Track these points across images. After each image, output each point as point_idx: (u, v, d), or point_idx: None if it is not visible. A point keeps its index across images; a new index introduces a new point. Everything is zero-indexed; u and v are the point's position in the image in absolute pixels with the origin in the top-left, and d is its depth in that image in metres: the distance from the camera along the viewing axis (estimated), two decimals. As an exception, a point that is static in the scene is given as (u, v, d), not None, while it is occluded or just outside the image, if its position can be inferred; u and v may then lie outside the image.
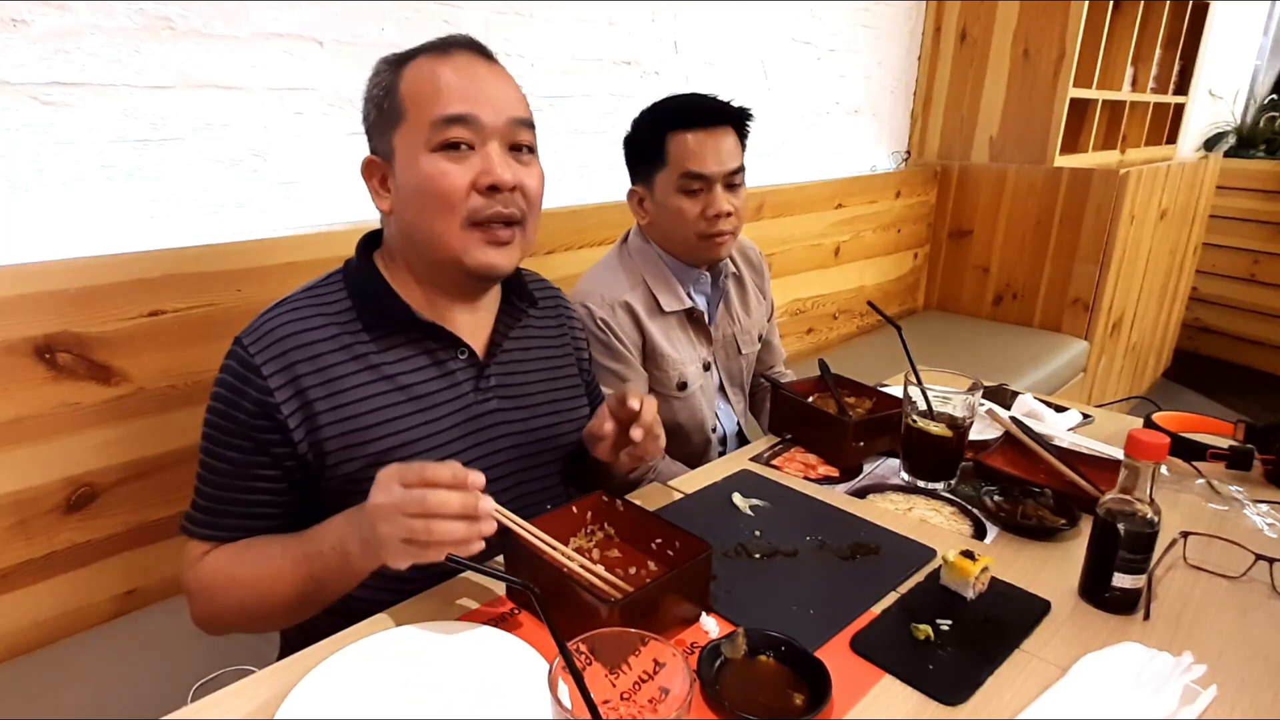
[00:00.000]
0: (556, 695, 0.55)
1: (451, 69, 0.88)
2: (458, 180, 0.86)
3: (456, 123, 0.86)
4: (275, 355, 0.86)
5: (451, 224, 0.88)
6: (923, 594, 0.88)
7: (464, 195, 0.87)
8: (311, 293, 0.93)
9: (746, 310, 1.55)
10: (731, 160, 1.34)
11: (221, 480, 0.87)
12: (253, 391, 0.85)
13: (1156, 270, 3.36)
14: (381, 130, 0.91)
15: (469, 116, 0.87)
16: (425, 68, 0.88)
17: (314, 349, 0.88)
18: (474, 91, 0.87)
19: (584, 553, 0.88)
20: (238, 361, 0.87)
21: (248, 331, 0.88)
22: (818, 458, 1.23)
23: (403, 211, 0.91)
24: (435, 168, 0.86)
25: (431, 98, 0.86)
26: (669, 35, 2.06)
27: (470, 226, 0.88)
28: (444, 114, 0.86)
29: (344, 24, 1.44)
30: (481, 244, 0.89)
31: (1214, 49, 3.92)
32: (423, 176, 0.87)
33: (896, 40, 2.90)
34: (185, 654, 1.14)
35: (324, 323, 0.90)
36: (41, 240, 1.18)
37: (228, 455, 0.87)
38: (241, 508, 0.87)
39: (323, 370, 0.88)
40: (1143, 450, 0.81)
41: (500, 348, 1.00)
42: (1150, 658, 0.77)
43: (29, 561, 1.19)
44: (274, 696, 0.71)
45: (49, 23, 1.13)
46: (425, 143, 0.87)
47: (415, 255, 0.93)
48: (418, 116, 0.87)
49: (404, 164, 0.89)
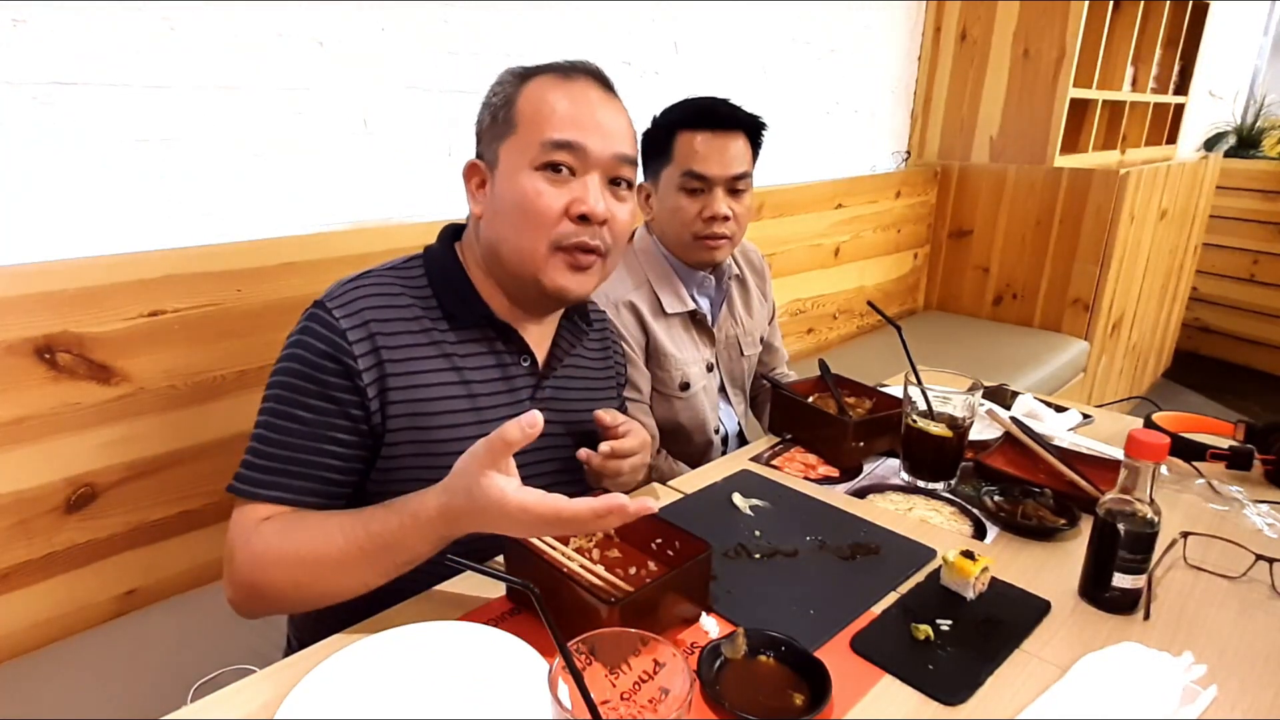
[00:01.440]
0: (556, 695, 0.55)
1: (569, 94, 0.90)
2: (553, 202, 0.88)
3: (564, 148, 0.88)
4: (358, 322, 0.87)
5: (539, 243, 0.89)
6: (923, 594, 0.88)
7: (556, 219, 0.89)
8: (394, 270, 0.94)
9: (749, 312, 1.55)
10: (736, 165, 1.33)
11: (291, 440, 0.85)
12: (335, 351, 0.85)
13: (1156, 270, 3.36)
14: (491, 138, 0.92)
15: (576, 144, 0.88)
16: (545, 87, 0.90)
17: (394, 325, 0.89)
18: (586, 120, 0.89)
19: (584, 553, 0.88)
20: (320, 324, 0.86)
21: (330, 296, 0.88)
22: (818, 458, 1.23)
23: (493, 220, 0.92)
24: (534, 186, 0.88)
25: (545, 118, 0.88)
26: (669, 35, 2.06)
27: (555, 249, 0.90)
28: (554, 137, 0.88)
29: (344, 24, 1.44)
30: (562, 267, 0.91)
31: (1214, 49, 3.93)
32: (520, 192, 0.88)
33: (896, 40, 2.90)
34: (185, 654, 1.14)
35: (407, 301, 0.91)
36: (41, 240, 1.18)
37: (300, 415, 0.85)
38: (308, 469, 0.85)
39: (401, 346, 0.88)
40: (1143, 450, 0.81)
41: (560, 362, 1.02)
42: (1150, 658, 0.77)
43: (29, 561, 1.19)
44: (274, 696, 0.71)
45: (49, 23, 1.13)
46: (530, 160, 0.88)
47: (496, 263, 0.94)
48: (528, 133, 0.89)
49: (505, 175, 0.90)
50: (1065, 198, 2.84)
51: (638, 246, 1.44)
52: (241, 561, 0.82)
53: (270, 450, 0.85)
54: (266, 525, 0.83)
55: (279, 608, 0.87)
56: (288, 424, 0.85)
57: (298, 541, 0.81)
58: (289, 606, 0.88)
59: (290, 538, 0.82)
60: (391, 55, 1.51)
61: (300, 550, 0.80)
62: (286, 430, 0.85)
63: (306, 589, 0.81)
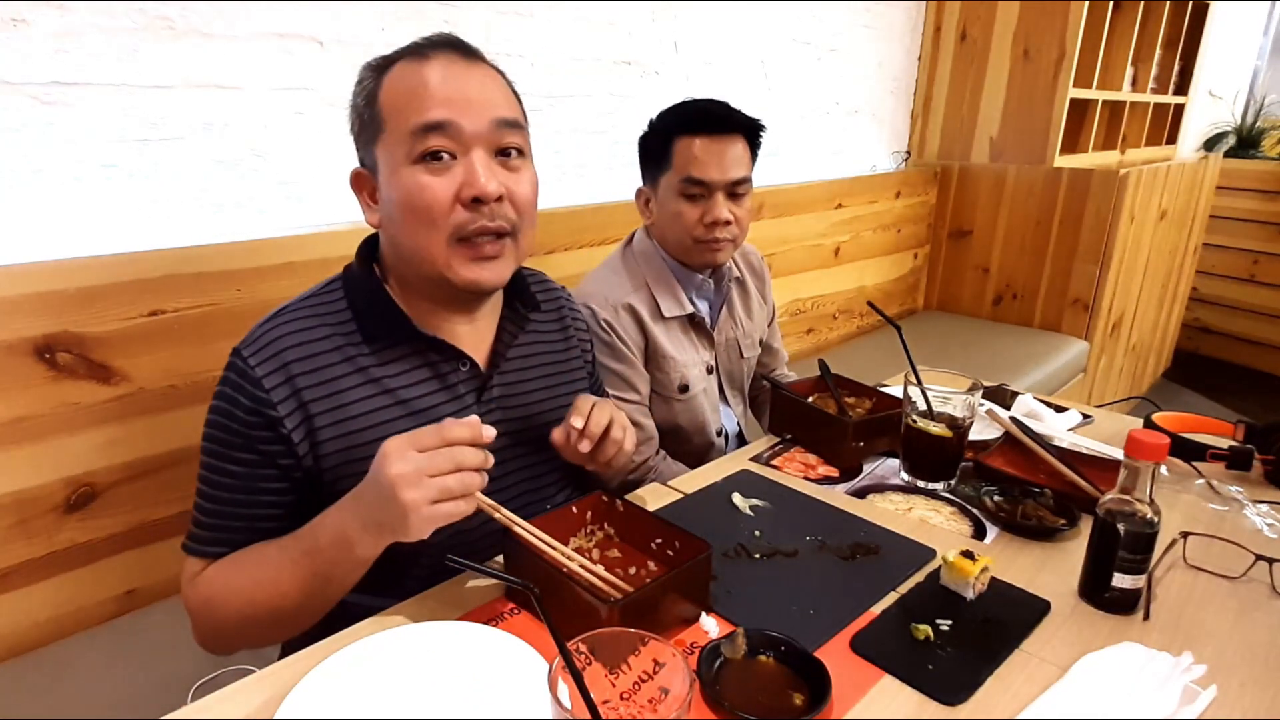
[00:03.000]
0: (556, 695, 0.54)
1: (428, 72, 0.83)
2: (439, 193, 0.82)
3: (434, 130, 0.82)
4: (276, 367, 0.84)
5: (436, 240, 0.84)
6: (923, 594, 0.88)
7: (447, 209, 0.83)
8: (310, 301, 0.90)
9: (748, 314, 1.55)
10: (736, 169, 1.33)
11: (225, 495, 0.86)
12: (254, 404, 0.84)
13: (1156, 270, 3.36)
14: (365, 142, 0.87)
15: (447, 123, 0.82)
16: (403, 73, 0.84)
17: (314, 361, 0.86)
18: (453, 94, 0.83)
19: (584, 553, 0.88)
20: (237, 374, 0.85)
21: (246, 343, 0.86)
22: (818, 458, 1.23)
23: (389, 226, 0.88)
24: (415, 181, 0.82)
25: (409, 105, 0.82)
26: (669, 35, 2.06)
27: (456, 242, 0.85)
28: (421, 122, 0.82)
29: (344, 24, 1.44)
30: (468, 261, 0.86)
31: (1214, 49, 3.93)
32: (403, 191, 0.83)
33: (896, 40, 2.90)
34: (185, 654, 1.13)
35: (326, 333, 0.88)
36: (41, 240, 1.18)
37: (230, 469, 0.85)
38: (247, 521, 0.86)
39: (324, 383, 0.86)
40: (1143, 450, 0.81)
41: (503, 358, 0.97)
42: (1150, 658, 0.77)
43: (29, 561, 1.19)
44: (274, 696, 0.71)
45: (49, 23, 1.13)
46: (405, 154, 0.83)
47: (406, 269, 0.90)
48: (396, 126, 0.83)
49: (386, 177, 0.85)
50: (1065, 198, 2.84)
51: (636, 249, 1.44)
52: (194, 608, 0.86)
53: (208, 506, 0.87)
54: (208, 569, 0.86)
55: (245, 641, 0.88)
56: (220, 478, 0.86)
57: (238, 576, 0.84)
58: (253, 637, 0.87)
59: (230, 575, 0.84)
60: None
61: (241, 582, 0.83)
62: (219, 485, 0.86)
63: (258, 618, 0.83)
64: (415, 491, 0.71)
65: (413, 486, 0.71)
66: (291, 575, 0.81)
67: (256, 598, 0.82)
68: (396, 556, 0.85)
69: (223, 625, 0.85)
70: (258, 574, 0.83)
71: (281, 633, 0.88)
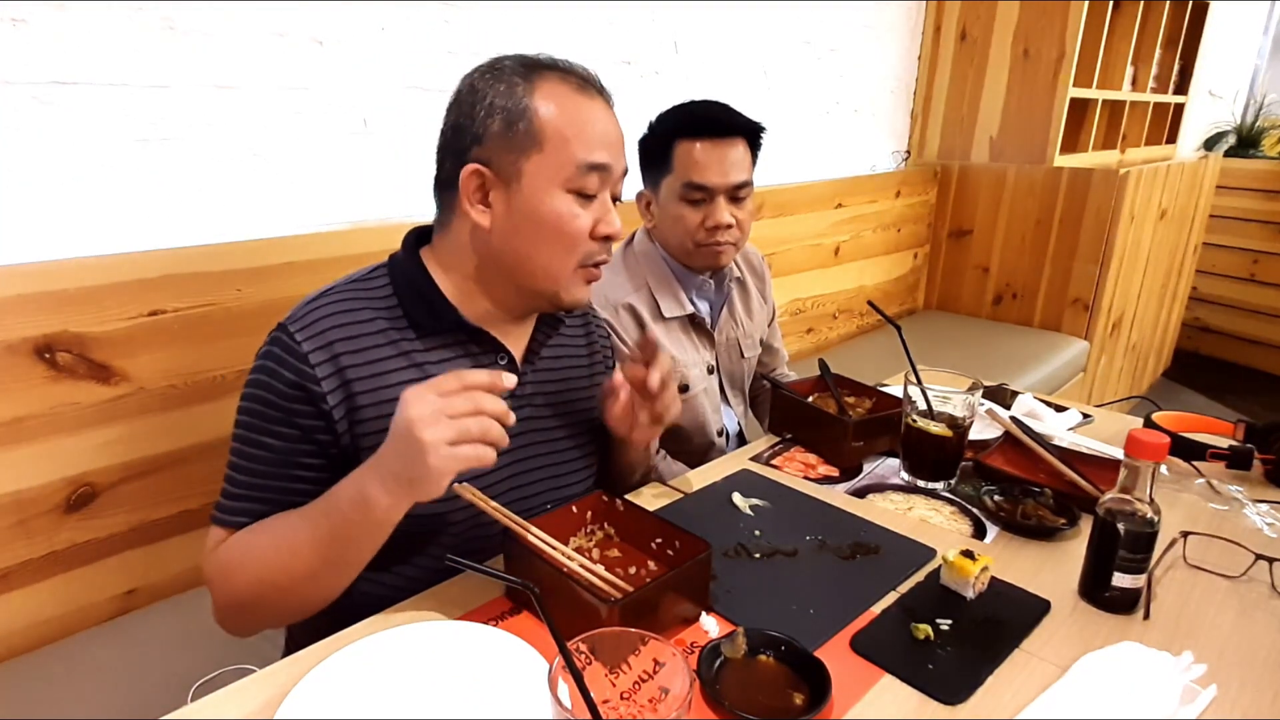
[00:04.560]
0: (556, 695, 0.55)
1: (597, 114, 0.90)
2: (585, 225, 0.90)
3: (599, 170, 0.89)
4: (322, 344, 0.85)
5: (568, 263, 0.91)
6: (923, 594, 0.88)
7: (586, 239, 0.90)
8: (356, 285, 0.92)
9: (749, 315, 1.55)
10: (737, 173, 1.33)
11: (259, 468, 0.85)
12: (298, 378, 0.84)
13: (1156, 270, 3.36)
14: (506, 148, 0.87)
15: (609, 168, 0.90)
16: (571, 103, 0.88)
17: (359, 341, 0.87)
18: (614, 141, 0.91)
19: (584, 552, 0.88)
20: (282, 348, 0.85)
21: (292, 318, 0.87)
22: (818, 457, 1.23)
23: (512, 235, 0.89)
24: (569, 209, 0.88)
25: (580, 139, 0.87)
26: (669, 35, 2.06)
27: (579, 268, 0.92)
28: (592, 160, 0.88)
29: (344, 24, 1.44)
30: (581, 283, 0.94)
31: (1214, 49, 3.92)
32: (554, 213, 0.88)
33: (896, 40, 2.90)
34: (185, 654, 1.14)
35: (370, 315, 0.90)
36: (41, 240, 1.18)
37: (267, 442, 0.85)
38: (278, 494, 0.85)
39: (368, 363, 0.87)
40: (1143, 450, 0.81)
41: (538, 355, 1.01)
42: (1150, 657, 0.77)
43: (29, 561, 1.19)
44: (274, 696, 0.71)
45: (49, 22, 1.13)
46: (564, 180, 0.88)
47: (499, 274, 0.92)
48: (561, 152, 0.87)
49: (531, 193, 0.88)
50: (1065, 197, 2.84)
51: (637, 250, 1.44)
52: (212, 576, 0.85)
53: (240, 478, 0.86)
54: (230, 538, 0.85)
55: (261, 614, 0.86)
56: (256, 451, 0.86)
57: (258, 540, 0.83)
58: (269, 609, 0.86)
59: (250, 540, 0.84)
60: (391, 55, 1.51)
61: (261, 546, 0.83)
62: (255, 458, 0.86)
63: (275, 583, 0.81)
64: (433, 431, 0.71)
65: (430, 426, 0.71)
66: (309, 536, 0.79)
67: (273, 561, 0.81)
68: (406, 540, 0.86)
69: (239, 593, 0.84)
70: (276, 537, 0.82)
71: (295, 603, 0.85)
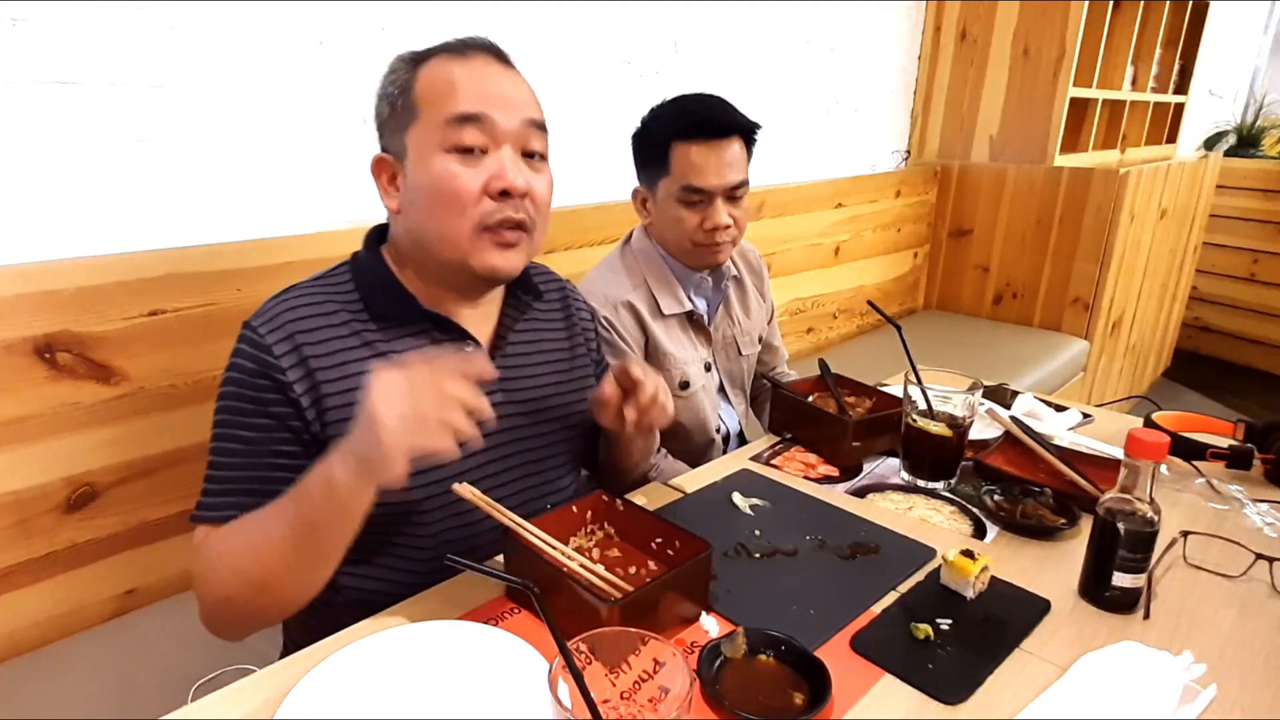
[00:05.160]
0: (556, 695, 0.55)
1: (467, 69, 0.88)
2: (469, 183, 0.86)
3: (469, 122, 0.86)
4: (284, 336, 0.86)
5: (462, 226, 0.88)
6: (923, 593, 0.88)
7: (475, 198, 0.87)
8: (319, 282, 0.93)
9: (746, 312, 1.55)
10: (734, 173, 1.33)
11: (236, 460, 0.86)
12: (263, 369, 0.85)
13: (1156, 270, 3.36)
14: (394, 128, 0.90)
15: (482, 116, 0.86)
16: (441, 68, 0.89)
17: (322, 333, 0.88)
18: (489, 93, 0.88)
19: (584, 552, 0.88)
20: (248, 344, 0.87)
21: (256, 315, 0.89)
22: (818, 457, 1.23)
23: (412, 211, 0.90)
24: (447, 169, 0.86)
25: (446, 97, 0.87)
26: (669, 35, 2.06)
27: (480, 230, 0.88)
28: (457, 112, 0.86)
29: (344, 24, 1.44)
30: (490, 247, 0.89)
31: (1214, 49, 3.92)
32: (434, 177, 0.87)
33: (896, 40, 2.90)
34: (185, 654, 1.14)
35: (334, 309, 0.90)
36: (41, 240, 1.18)
37: (243, 435, 0.86)
38: (258, 484, 0.85)
39: (331, 354, 0.88)
40: (1143, 450, 0.81)
41: (506, 340, 1.00)
42: (1150, 657, 0.77)
43: (29, 561, 1.19)
44: (274, 696, 0.71)
45: (49, 22, 1.13)
46: (439, 143, 0.86)
47: (422, 254, 0.93)
48: (431, 115, 0.87)
49: (415, 163, 0.88)
50: (1065, 197, 2.84)
51: (635, 248, 1.44)
52: (195, 575, 0.85)
53: (221, 474, 0.86)
54: (212, 534, 0.85)
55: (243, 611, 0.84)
56: (233, 445, 0.86)
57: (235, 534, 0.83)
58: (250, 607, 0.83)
59: (229, 534, 0.83)
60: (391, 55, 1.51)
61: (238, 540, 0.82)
62: (233, 452, 0.86)
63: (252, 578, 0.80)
64: (391, 409, 0.70)
65: (389, 404, 0.70)
66: (280, 526, 0.78)
67: (249, 554, 0.80)
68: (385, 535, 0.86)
69: (220, 591, 0.82)
70: (251, 530, 0.81)
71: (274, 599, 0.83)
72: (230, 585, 0.82)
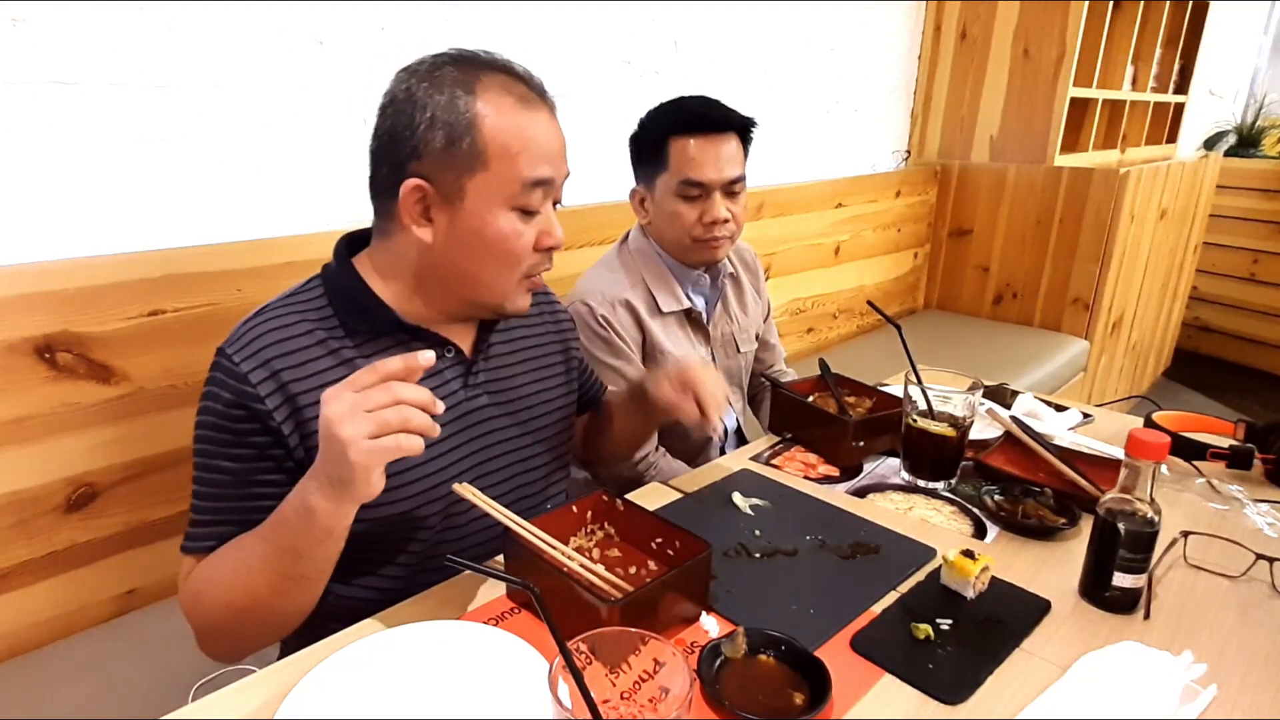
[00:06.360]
0: (556, 695, 0.55)
1: (535, 126, 0.88)
2: (529, 241, 0.90)
3: (542, 185, 0.88)
4: (260, 363, 0.85)
5: (511, 278, 0.91)
6: (923, 593, 0.88)
7: (529, 254, 0.91)
8: (290, 300, 0.91)
9: (743, 310, 1.56)
10: (731, 168, 1.34)
11: (219, 491, 0.86)
12: (240, 399, 0.84)
13: (1156, 270, 3.36)
14: (448, 166, 0.85)
15: (552, 181, 0.90)
16: (515, 118, 0.86)
17: (298, 355, 0.87)
18: (554, 153, 0.90)
19: (584, 552, 0.88)
20: (222, 371, 0.85)
21: (229, 341, 0.87)
22: (818, 457, 1.23)
23: (454, 252, 0.89)
24: (513, 228, 0.88)
25: (524, 156, 0.86)
26: (669, 35, 2.06)
27: (523, 279, 0.92)
28: (535, 177, 0.87)
29: (344, 24, 1.43)
30: (525, 292, 0.94)
31: (1214, 48, 3.92)
32: (497, 231, 0.88)
33: (896, 40, 2.90)
34: (185, 654, 1.13)
35: (308, 328, 0.89)
36: (41, 240, 1.18)
37: (224, 465, 0.85)
38: (241, 514, 0.85)
39: (309, 375, 0.86)
40: (1143, 450, 0.81)
41: (487, 344, 1.00)
42: (1150, 657, 0.77)
43: (29, 561, 1.19)
44: (274, 696, 0.71)
45: (49, 22, 1.13)
46: (507, 199, 0.87)
47: (440, 284, 0.92)
48: (505, 171, 0.86)
49: (475, 212, 0.87)
50: (1065, 197, 2.84)
51: (633, 247, 1.44)
52: (185, 606, 0.86)
53: (203, 505, 0.87)
54: (197, 565, 0.86)
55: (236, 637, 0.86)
56: (216, 475, 0.86)
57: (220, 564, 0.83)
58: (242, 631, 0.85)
59: (214, 564, 0.84)
60: (391, 55, 1.51)
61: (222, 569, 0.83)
62: (214, 483, 0.86)
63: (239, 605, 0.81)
64: (350, 426, 0.69)
65: (348, 422, 0.70)
66: (262, 554, 0.79)
67: (234, 583, 0.81)
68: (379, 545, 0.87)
69: (210, 619, 0.84)
70: (235, 559, 0.82)
71: (266, 622, 0.84)
72: (220, 614, 0.83)
